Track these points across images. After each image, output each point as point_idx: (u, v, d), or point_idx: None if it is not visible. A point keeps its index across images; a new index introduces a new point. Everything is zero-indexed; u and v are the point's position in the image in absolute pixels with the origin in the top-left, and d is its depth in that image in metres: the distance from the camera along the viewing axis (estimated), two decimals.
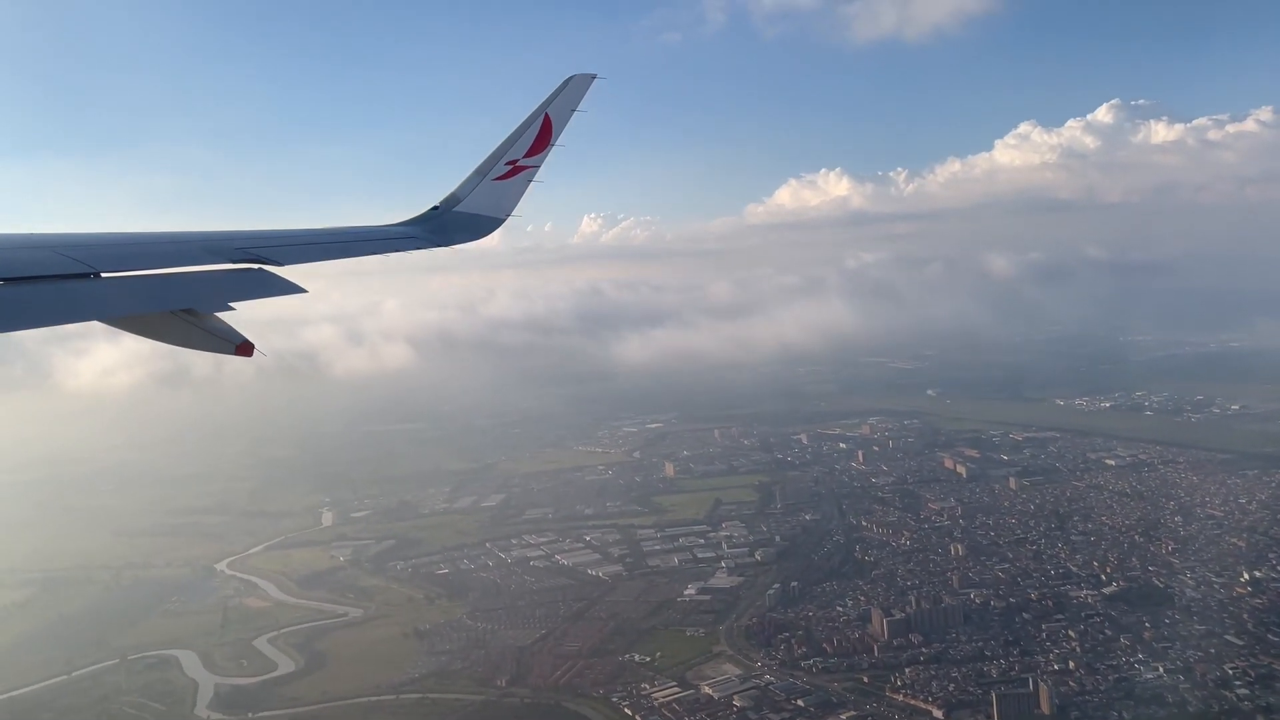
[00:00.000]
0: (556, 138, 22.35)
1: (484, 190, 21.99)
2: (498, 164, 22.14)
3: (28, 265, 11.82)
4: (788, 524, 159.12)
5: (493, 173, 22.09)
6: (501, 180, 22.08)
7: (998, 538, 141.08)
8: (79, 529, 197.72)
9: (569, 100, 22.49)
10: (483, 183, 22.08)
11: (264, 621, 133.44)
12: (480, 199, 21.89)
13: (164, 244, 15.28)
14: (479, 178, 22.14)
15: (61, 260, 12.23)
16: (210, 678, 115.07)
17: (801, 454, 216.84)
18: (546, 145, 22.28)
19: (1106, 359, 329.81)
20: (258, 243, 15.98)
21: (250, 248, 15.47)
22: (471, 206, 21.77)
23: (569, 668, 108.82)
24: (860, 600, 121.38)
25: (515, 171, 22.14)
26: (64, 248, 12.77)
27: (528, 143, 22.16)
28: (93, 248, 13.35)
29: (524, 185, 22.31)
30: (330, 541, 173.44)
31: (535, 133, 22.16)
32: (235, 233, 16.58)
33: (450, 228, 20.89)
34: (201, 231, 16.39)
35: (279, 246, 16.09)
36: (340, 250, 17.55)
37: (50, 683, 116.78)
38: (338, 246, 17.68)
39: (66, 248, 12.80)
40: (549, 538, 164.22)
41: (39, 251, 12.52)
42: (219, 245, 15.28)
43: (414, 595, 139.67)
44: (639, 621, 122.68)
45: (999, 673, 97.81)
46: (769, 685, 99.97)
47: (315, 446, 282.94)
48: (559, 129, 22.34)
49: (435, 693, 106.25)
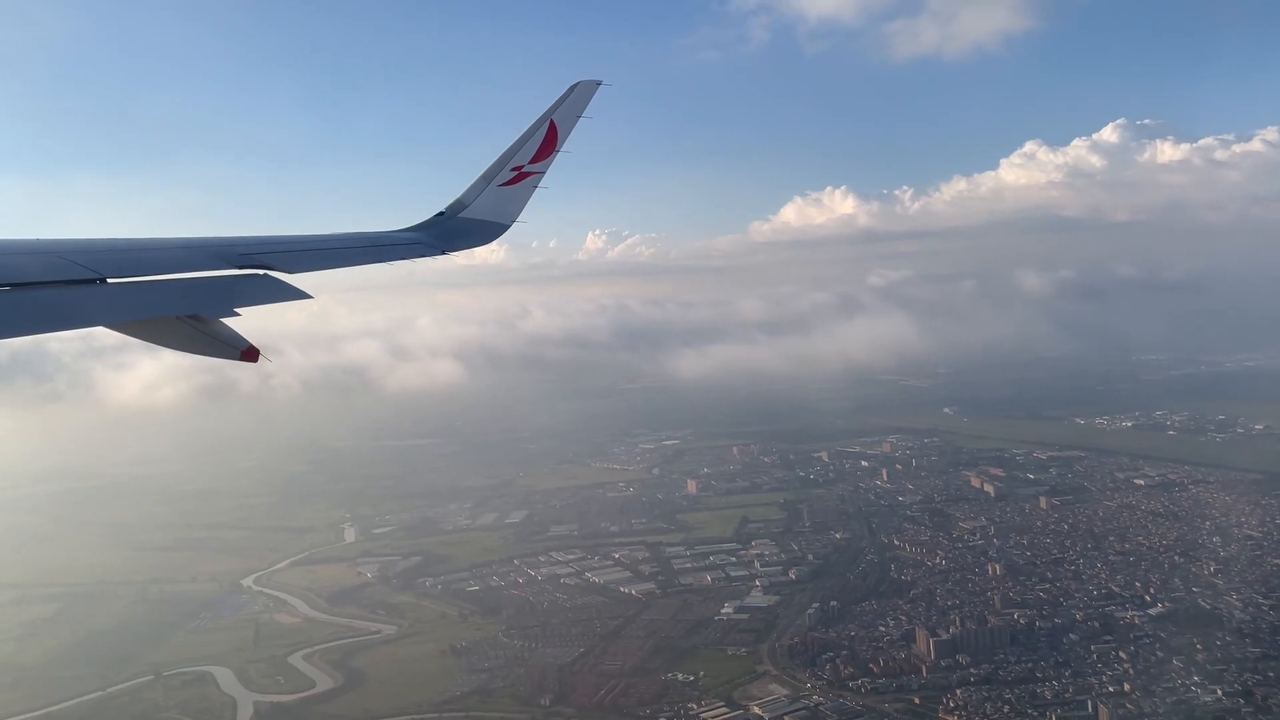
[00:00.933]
0: (562, 144, 22.35)
1: (489, 196, 22.01)
2: (503, 170, 22.16)
3: (34, 271, 11.78)
4: (818, 542, 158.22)
5: (498, 179, 22.12)
6: (507, 186, 22.13)
7: (1034, 557, 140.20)
8: (99, 543, 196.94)
9: (574, 107, 22.48)
10: (488, 189, 22.07)
11: (297, 638, 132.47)
12: (485, 205, 21.92)
13: (169, 250, 15.16)
14: (484, 183, 22.15)
15: (67, 266, 12.19)
16: (248, 695, 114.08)
17: (824, 472, 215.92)
18: (552, 152, 22.29)
19: (1120, 378, 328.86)
20: (263, 248, 15.94)
21: (255, 253, 15.45)
22: (477, 212, 21.78)
23: (612, 687, 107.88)
24: (902, 620, 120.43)
25: (520, 178, 22.18)
26: (70, 253, 12.72)
27: (533, 149, 22.18)
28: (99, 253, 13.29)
29: (529, 191, 22.35)
30: (355, 558, 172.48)
31: (540, 139, 22.16)
32: (240, 238, 16.46)
33: (456, 233, 20.86)
34: (207, 237, 16.33)
35: (284, 252, 16.07)
36: (346, 257, 17.48)
37: (86, 698, 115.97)
38: (343, 253, 17.61)
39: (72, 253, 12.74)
40: (577, 555, 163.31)
41: (45, 257, 12.47)
42: (224, 251, 15.27)
43: (447, 612, 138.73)
44: (678, 640, 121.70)
45: (1053, 695, 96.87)
46: (819, 706, 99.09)
47: (329, 462, 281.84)
48: (564, 136, 22.33)
49: (478, 711, 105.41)
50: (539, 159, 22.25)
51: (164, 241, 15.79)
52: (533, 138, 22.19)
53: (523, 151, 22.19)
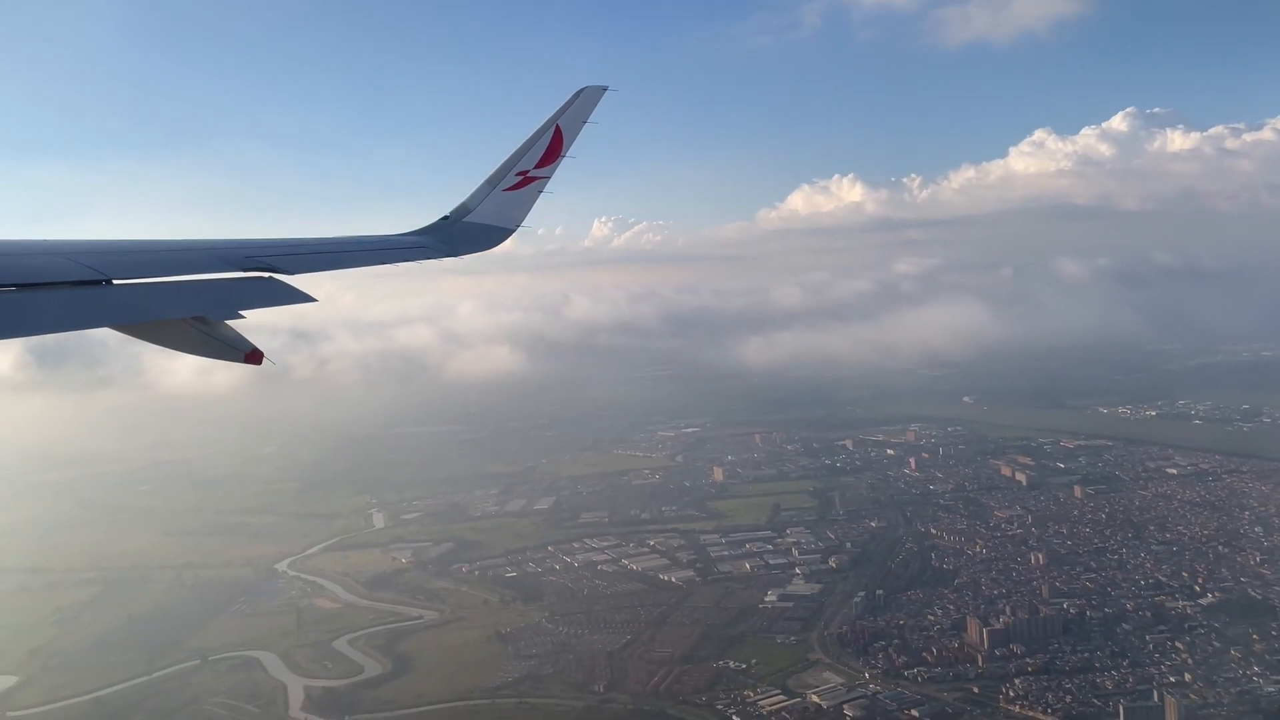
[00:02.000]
0: (567, 149, 22.55)
1: (494, 201, 22.15)
2: (508, 175, 22.32)
3: (41, 271, 11.95)
4: (854, 531, 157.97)
5: (503, 183, 22.26)
6: (511, 191, 22.27)
7: (1076, 547, 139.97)
8: (129, 528, 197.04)
9: (580, 112, 22.65)
10: (493, 193, 22.21)
11: (339, 623, 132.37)
12: (490, 209, 22.05)
13: (176, 252, 15.33)
14: (489, 188, 22.28)
15: (74, 267, 12.35)
16: (297, 680, 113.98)
17: (850, 460, 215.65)
18: (557, 157, 22.48)
19: (1138, 367, 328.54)
20: (268, 251, 16.10)
21: (261, 256, 15.59)
22: (482, 217, 21.91)
23: (665, 674, 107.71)
24: (950, 609, 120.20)
25: (525, 182, 22.34)
26: (77, 254, 12.91)
27: (538, 154, 22.34)
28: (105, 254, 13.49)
29: (534, 196, 22.50)
30: (387, 544, 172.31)
31: (546, 144, 22.32)
32: (246, 241, 16.66)
33: (460, 238, 21.05)
34: (213, 239, 16.51)
35: (290, 255, 16.22)
36: (351, 260, 17.71)
37: (133, 683, 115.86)
38: (348, 256, 17.86)
39: (79, 254, 12.93)
40: (611, 542, 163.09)
41: (52, 258, 12.66)
42: (230, 253, 15.45)
43: (488, 598, 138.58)
44: (725, 628, 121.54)
45: (1114, 685, 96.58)
46: (876, 695, 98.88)
47: (349, 449, 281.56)
48: (569, 141, 22.53)
49: (531, 697, 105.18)
50: (544, 164, 22.44)
51: (170, 243, 15.94)
52: (538, 143, 22.38)
53: (528, 156, 22.34)
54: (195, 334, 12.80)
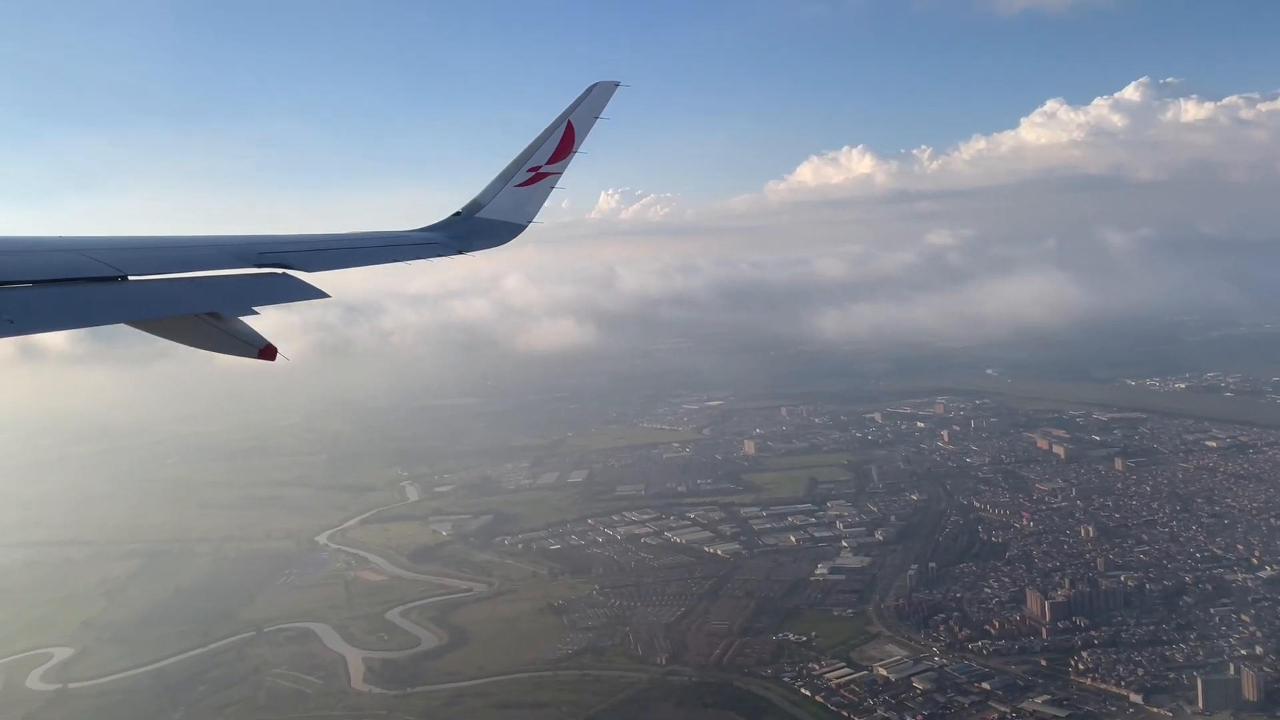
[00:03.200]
0: (579, 145, 22.54)
1: (506, 196, 22.20)
2: (520, 170, 22.34)
3: (58, 268, 12.17)
4: (896, 504, 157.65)
5: (515, 179, 22.31)
6: (524, 187, 22.33)
7: (1124, 520, 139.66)
8: (163, 501, 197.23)
9: (592, 108, 22.68)
10: (505, 189, 22.25)
11: (389, 595, 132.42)
12: (502, 205, 22.12)
13: (190, 248, 15.58)
14: (501, 184, 22.32)
15: (90, 263, 12.56)
16: (355, 651, 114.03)
17: (880, 433, 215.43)
18: (569, 153, 22.51)
19: (1161, 339, 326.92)
20: (281, 247, 16.23)
21: (274, 252, 15.74)
22: (493, 213, 21.97)
23: (725, 646, 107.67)
24: (1005, 582, 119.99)
25: (537, 178, 22.36)
26: (93, 251, 13.11)
27: (550, 150, 22.36)
28: (120, 251, 13.71)
29: (546, 192, 22.55)
30: (426, 516, 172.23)
31: (558, 140, 22.34)
32: (259, 237, 16.73)
33: (472, 233, 21.17)
34: (227, 236, 16.64)
35: (303, 251, 16.34)
36: (364, 256, 17.80)
37: (191, 654, 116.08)
38: (361, 252, 17.97)
39: (95, 251, 13.14)
40: (650, 515, 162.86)
41: (69, 255, 12.84)
42: (243, 250, 15.54)
43: (537, 571, 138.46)
44: (778, 600, 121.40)
45: (1184, 657, 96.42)
46: (944, 668, 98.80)
47: (371, 422, 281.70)
48: (581, 137, 22.51)
49: (593, 669, 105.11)
50: (556, 159, 22.44)
51: (184, 240, 16.19)
52: (550, 138, 22.37)
53: (540, 152, 22.35)
54: (209, 330, 13.04)
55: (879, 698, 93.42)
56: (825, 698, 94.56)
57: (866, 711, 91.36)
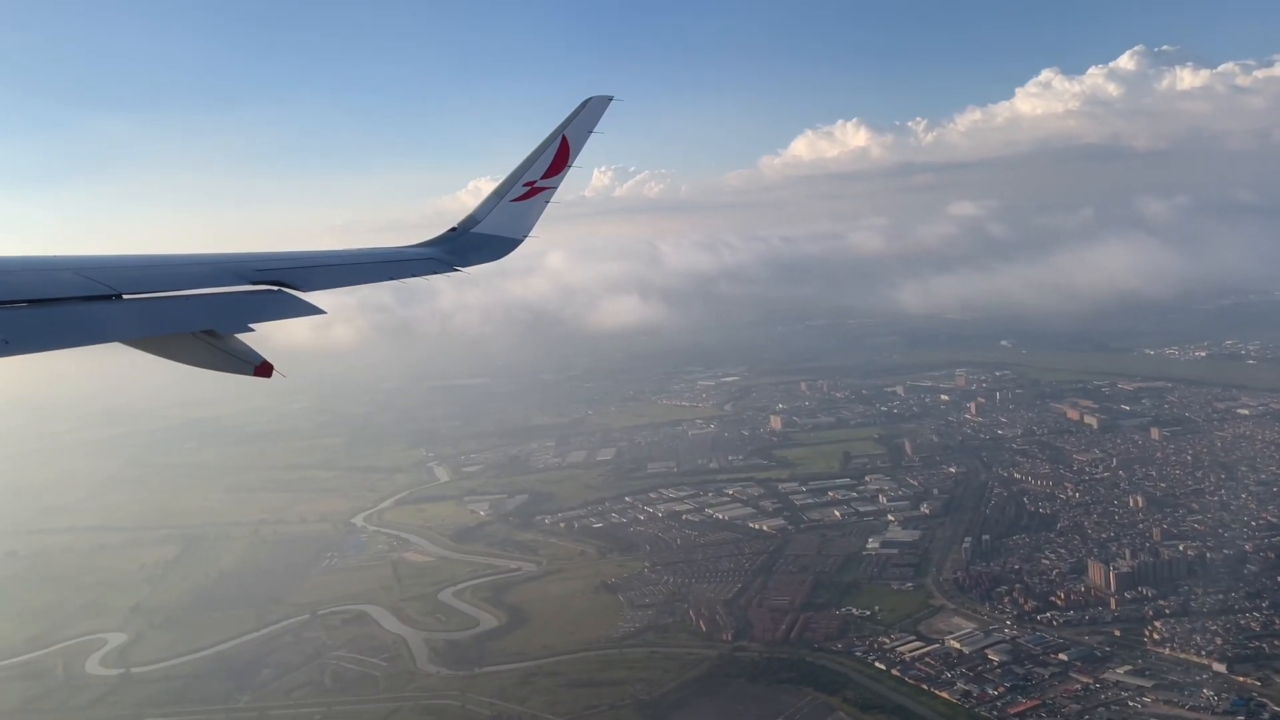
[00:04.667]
0: (574, 159, 22.55)
1: (502, 211, 22.26)
2: (515, 185, 22.39)
3: (51, 287, 12.12)
4: (935, 477, 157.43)
5: (510, 194, 22.36)
6: (519, 201, 22.37)
7: (1170, 489, 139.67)
8: (188, 486, 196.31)
9: (586, 122, 22.65)
10: (500, 204, 22.32)
11: (437, 576, 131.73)
12: (498, 220, 22.17)
13: (185, 266, 15.55)
14: (497, 198, 22.40)
15: (84, 283, 12.52)
16: (414, 633, 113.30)
17: (905, 406, 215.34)
18: (564, 167, 22.51)
19: (1173, 308, 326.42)
20: (277, 264, 16.26)
21: (270, 269, 15.76)
22: (489, 228, 22.03)
23: (790, 622, 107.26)
24: (1062, 553, 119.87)
25: (533, 193, 22.40)
26: (86, 270, 13.07)
27: (545, 164, 22.37)
28: (114, 269, 13.67)
29: (541, 206, 22.58)
30: (460, 496, 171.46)
31: (553, 154, 22.35)
32: (255, 254, 16.77)
33: (468, 249, 21.22)
34: (222, 254, 16.70)
35: (299, 269, 16.38)
36: (360, 274, 17.82)
37: (248, 638, 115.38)
38: (358, 269, 18.02)
39: (89, 270, 13.10)
40: (687, 491, 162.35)
41: (62, 274, 12.82)
42: (239, 267, 15.59)
43: (584, 549, 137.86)
44: (834, 575, 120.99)
45: (1260, 626, 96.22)
46: (1015, 639, 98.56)
47: (385, 403, 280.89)
48: (576, 150, 22.51)
49: (660, 647, 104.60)
50: (551, 174, 22.46)
51: (180, 258, 16.15)
52: (545, 153, 22.34)
53: (535, 167, 22.36)
54: (205, 348, 12.94)
55: (955, 670, 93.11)
56: (901, 671, 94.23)
57: (945, 684, 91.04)
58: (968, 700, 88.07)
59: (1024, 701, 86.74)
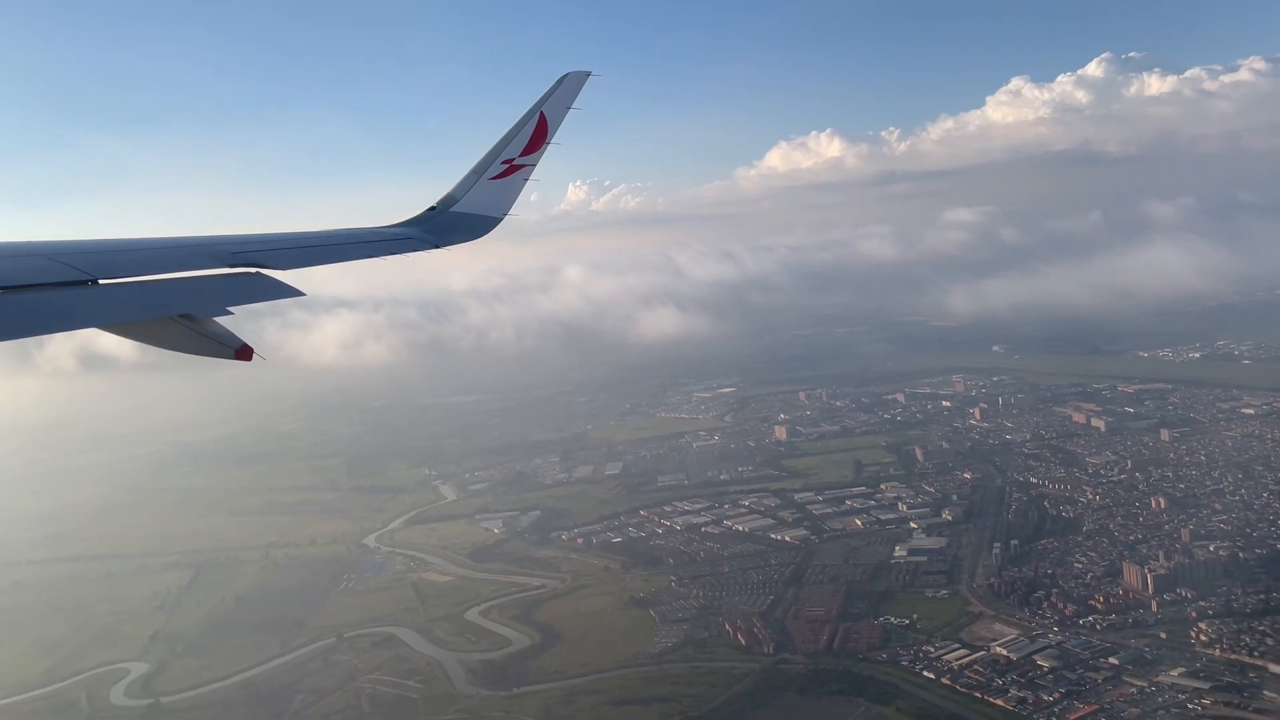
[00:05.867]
0: (552, 136, 22.48)
1: (480, 190, 22.19)
2: (494, 163, 22.31)
3: (25, 273, 11.95)
4: (951, 483, 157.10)
5: (489, 172, 22.26)
6: (498, 179, 22.29)
7: (1190, 490, 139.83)
8: (189, 510, 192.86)
9: (564, 98, 22.62)
10: (479, 182, 22.23)
11: (461, 596, 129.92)
12: (477, 198, 22.06)
13: (161, 250, 15.37)
14: (475, 177, 22.29)
15: (59, 268, 12.38)
16: (446, 654, 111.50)
17: (907, 413, 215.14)
18: (542, 144, 22.45)
19: (1161, 310, 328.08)
20: (254, 246, 16.21)
21: (246, 251, 15.70)
22: (468, 206, 21.94)
23: (830, 632, 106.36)
24: (1091, 556, 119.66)
25: (511, 170, 22.35)
26: (61, 255, 12.96)
27: (523, 141, 22.30)
28: (90, 254, 13.56)
29: (520, 184, 22.50)
30: (471, 515, 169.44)
31: (530, 131, 22.27)
32: (231, 237, 16.76)
33: (447, 228, 21.15)
34: (199, 236, 16.64)
35: (275, 250, 16.34)
36: (337, 253, 17.71)
37: (275, 663, 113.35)
38: (334, 249, 17.89)
39: (64, 255, 12.99)
40: (702, 504, 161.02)
41: (36, 260, 12.69)
42: (215, 250, 15.52)
43: (607, 565, 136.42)
44: (866, 585, 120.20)
45: None
46: (1062, 644, 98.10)
47: (377, 422, 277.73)
48: (554, 127, 22.45)
49: (701, 662, 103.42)
50: (529, 151, 22.36)
51: (155, 241, 15.98)
52: (522, 130, 22.25)
53: (513, 144, 22.25)
54: (184, 332, 12.82)
55: (1006, 677, 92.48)
56: (951, 679, 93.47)
57: (998, 691, 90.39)
58: (1024, 707, 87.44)
59: (1081, 707, 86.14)
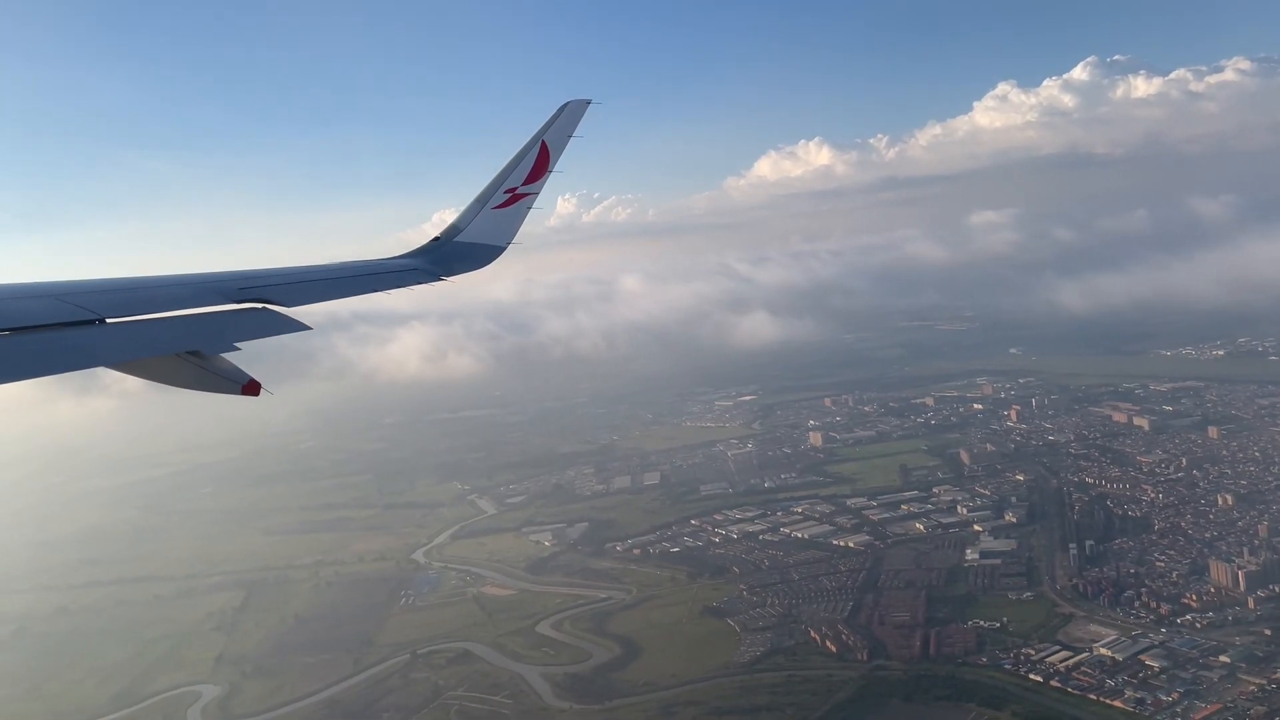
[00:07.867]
0: (554, 164, 22.57)
1: (484, 219, 22.25)
2: (496, 192, 22.36)
3: (32, 314, 12.02)
4: (1005, 485, 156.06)
5: (492, 201, 22.30)
6: (501, 209, 22.33)
7: (1253, 486, 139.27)
8: (221, 531, 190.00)
9: (565, 127, 22.69)
10: (483, 211, 22.28)
11: (528, 609, 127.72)
12: (480, 228, 22.14)
13: (167, 287, 15.41)
14: (479, 206, 22.33)
15: (66, 308, 12.45)
16: (527, 668, 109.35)
17: (940, 417, 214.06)
18: (544, 172, 22.53)
19: (1172, 309, 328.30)
20: (260, 281, 16.26)
21: (253, 287, 15.74)
22: (472, 236, 22.02)
23: (921, 637, 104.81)
24: (1171, 555, 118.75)
25: (514, 199, 22.40)
26: (67, 295, 13.02)
27: (525, 170, 22.37)
28: (96, 294, 13.65)
29: (523, 213, 22.57)
30: (517, 528, 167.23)
31: (533, 160, 22.36)
32: (238, 273, 16.78)
33: (452, 258, 21.20)
34: (204, 273, 16.65)
35: (282, 285, 16.38)
36: (343, 288, 17.73)
37: (350, 682, 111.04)
38: (340, 283, 17.92)
39: (70, 295, 13.05)
40: (754, 512, 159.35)
41: (45, 300, 12.74)
42: (222, 286, 15.57)
43: (673, 575, 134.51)
44: (944, 589, 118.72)
45: None
46: (1166, 643, 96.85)
47: (395, 437, 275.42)
48: (556, 156, 22.56)
49: (795, 670, 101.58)
50: (532, 180, 22.42)
51: (162, 279, 15.96)
52: (525, 159, 22.32)
53: (515, 173, 22.31)
54: (191, 369, 12.77)
55: (1117, 678, 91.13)
56: (1060, 682, 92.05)
57: (1113, 692, 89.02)
58: (1143, 708, 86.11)
59: (1204, 706, 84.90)
